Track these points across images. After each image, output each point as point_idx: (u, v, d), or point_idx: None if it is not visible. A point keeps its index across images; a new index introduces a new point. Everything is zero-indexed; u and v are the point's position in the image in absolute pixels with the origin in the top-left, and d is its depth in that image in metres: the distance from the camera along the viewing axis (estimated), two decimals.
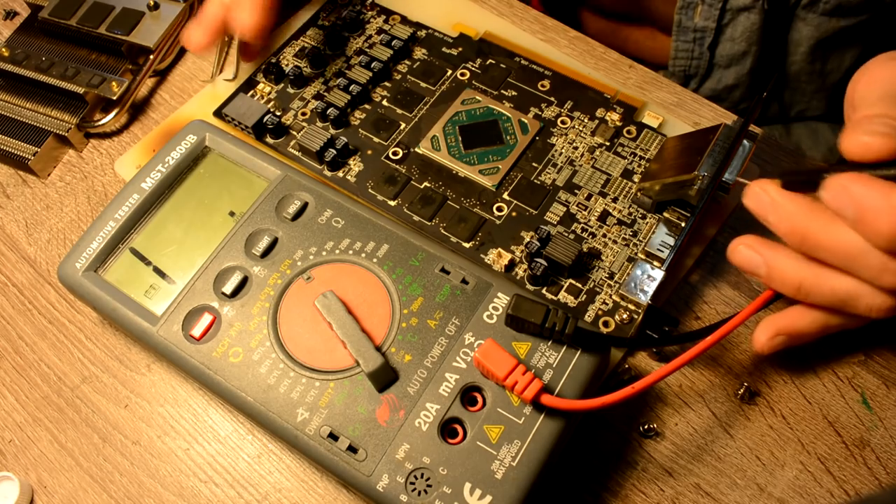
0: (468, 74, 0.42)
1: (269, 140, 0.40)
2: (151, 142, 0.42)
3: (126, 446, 0.34)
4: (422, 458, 0.28)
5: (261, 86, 0.42)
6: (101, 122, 0.42)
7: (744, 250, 0.30)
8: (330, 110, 0.40)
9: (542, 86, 0.41)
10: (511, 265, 0.35)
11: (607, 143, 0.39)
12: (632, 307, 0.34)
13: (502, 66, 0.42)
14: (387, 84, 0.42)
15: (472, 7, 0.45)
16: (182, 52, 0.46)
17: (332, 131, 0.40)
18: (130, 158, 0.42)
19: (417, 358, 0.30)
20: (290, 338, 0.31)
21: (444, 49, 0.43)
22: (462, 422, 0.29)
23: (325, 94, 0.42)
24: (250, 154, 0.36)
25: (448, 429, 0.29)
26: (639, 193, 0.36)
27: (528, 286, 0.35)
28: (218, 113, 0.42)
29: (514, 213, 0.37)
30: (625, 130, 0.39)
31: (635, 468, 0.32)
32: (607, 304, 0.34)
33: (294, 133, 0.40)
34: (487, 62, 0.42)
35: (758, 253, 0.29)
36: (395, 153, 0.39)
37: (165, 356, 0.32)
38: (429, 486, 0.28)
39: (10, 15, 0.49)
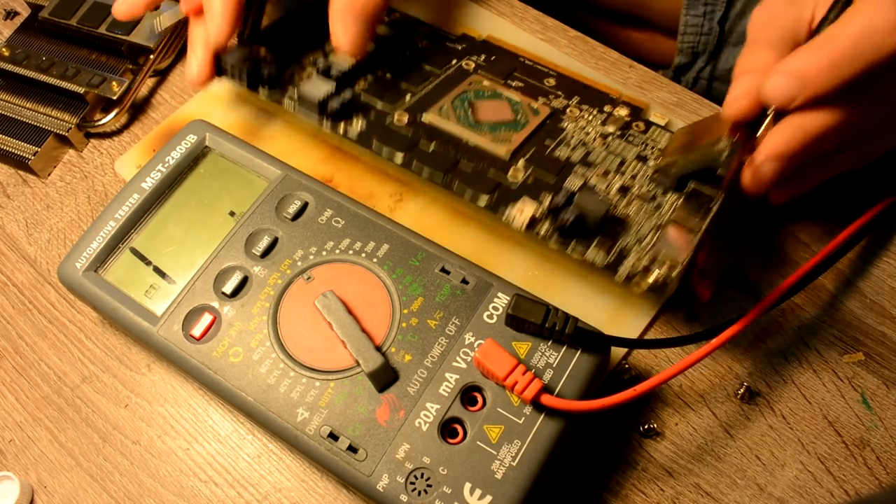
0: (472, 65, 0.40)
1: (264, 92, 0.37)
2: (152, 142, 0.42)
3: (126, 446, 0.34)
4: (422, 458, 0.28)
5: (262, 51, 0.40)
6: (101, 122, 0.42)
7: (739, 102, 0.31)
8: (333, 70, 0.37)
9: (548, 82, 0.40)
10: (533, 222, 0.33)
11: (619, 132, 0.37)
12: (665, 270, 0.31)
13: (507, 61, 0.41)
14: (391, 59, 0.40)
15: (472, 7, 0.45)
16: (182, 51, 0.46)
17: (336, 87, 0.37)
18: (130, 158, 0.42)
19: (417, 358, 0.30)
20: (290, 338, 0.31)
21: (447, 44, 0.42)
22: (462, 422, 0.29)
23: (329, 56, 0.39)
24: (250, 154, 0.36)
25: (448, 429, 0.29)
26: (657, 173, 0.34)
27: (555, 240, 0.32)
28: (217, 66, 0.38)
29: (529, 180, 0.34)
30: (633, 124, 0.38)
31: (635, 468, 0.32)
32: (642, 262, 0.31)
33: (293, 88, 0.38)
34: (492, 57, 0.41)
35: (750, 90, 0.30)
36: (400, 120, 0.37)
37: (165, 356, 0.32)
38: (429, 485, 0.28)
39: (10, 15, 0.49)
